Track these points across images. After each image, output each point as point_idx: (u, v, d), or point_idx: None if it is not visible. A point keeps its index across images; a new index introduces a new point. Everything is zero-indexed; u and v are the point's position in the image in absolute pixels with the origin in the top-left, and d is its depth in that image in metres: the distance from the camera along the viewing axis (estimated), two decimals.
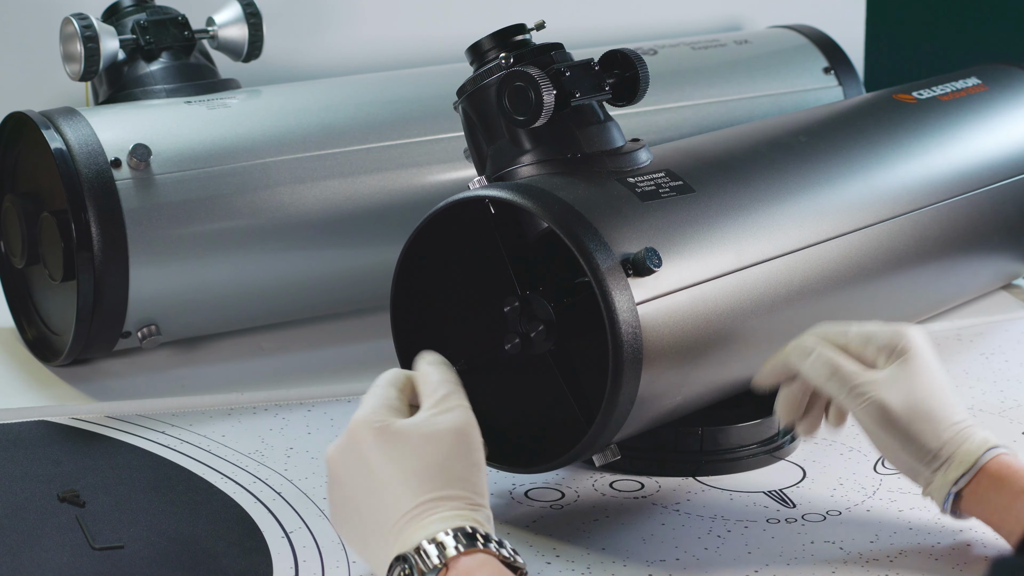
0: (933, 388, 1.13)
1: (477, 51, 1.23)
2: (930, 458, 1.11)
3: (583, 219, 1.13)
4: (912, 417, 1.11)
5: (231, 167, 1.44)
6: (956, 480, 1.10)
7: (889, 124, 1.42)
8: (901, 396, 1.12)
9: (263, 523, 1.19)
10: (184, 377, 1.46)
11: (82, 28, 1.47)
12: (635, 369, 1.12)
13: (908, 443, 1.11)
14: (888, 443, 1.12)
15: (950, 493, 1.11)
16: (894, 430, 1.12)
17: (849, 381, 1.13)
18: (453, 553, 0.99)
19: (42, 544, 1.15)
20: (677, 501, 1.23)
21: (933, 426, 1.11)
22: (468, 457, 1.05)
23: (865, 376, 1.13)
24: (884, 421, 1.12)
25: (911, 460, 1.12)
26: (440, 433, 1.05)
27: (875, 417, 1.12)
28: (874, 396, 1.12)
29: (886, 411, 1.11)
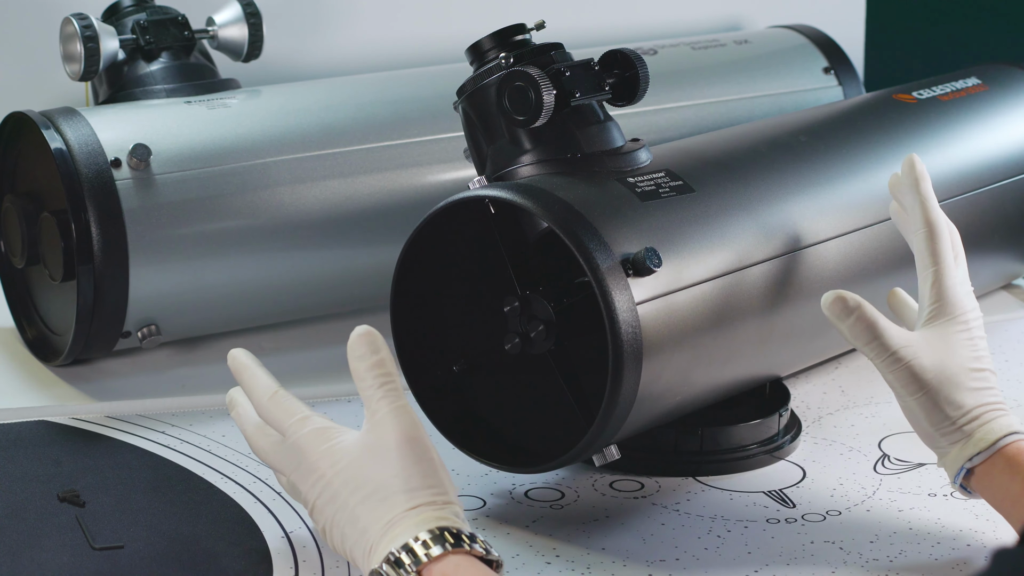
0: (967, 360, 1.12)
1: (477, 51, 1.23)
2: (951, 430, 1.11)
3: (583, 219, 1.13)
4: (940, 386, 1.11)
5: (231, 167, 1.44)
6: (971, 457, 1.10)
7: (889, 124, 1.42)
8: (934, 362, 1.12)
9: (263, 523, 1.19)
10: (184, 377, 1.46)
11: (82, 28, 1.47)
12: (635, 369, 1.12)
13: (931, 411, 1.11)
14: (912, 408, 1.12)
15: (963, 468, 1.11)
16: (921, 396, 1.11)
17: (888, 348, 1.12)
18: (423, 560, 0.99)
19: (42, 544, 1.15)
20: (677, 501, 1.23)
21: (960, 398, 1.11)
22: (421, 460, 1.04)
23: (902, 340, 1.12)
24: (913, 386, 1.11)
25: (931, 428, 1.12)
26: (380, 452, 1.05)
27: (904, 381, 1.12)
28: (908, 362, 1.12)
29: (916, 376, 1.11)
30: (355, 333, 1.08)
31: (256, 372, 1.13)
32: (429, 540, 1.00)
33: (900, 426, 1.35)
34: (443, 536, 1.00)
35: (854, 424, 1.36)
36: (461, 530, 1.02)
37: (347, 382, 1.43)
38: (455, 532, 1.01)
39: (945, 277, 1.17)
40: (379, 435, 1.05)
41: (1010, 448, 1.10)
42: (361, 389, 1.07)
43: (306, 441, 1.07)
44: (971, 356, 1.14)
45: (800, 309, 1.25)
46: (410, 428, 1.05)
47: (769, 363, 1.28)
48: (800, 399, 1.40)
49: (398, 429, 1.05)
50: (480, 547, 1.01)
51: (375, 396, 1.06)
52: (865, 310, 1.13)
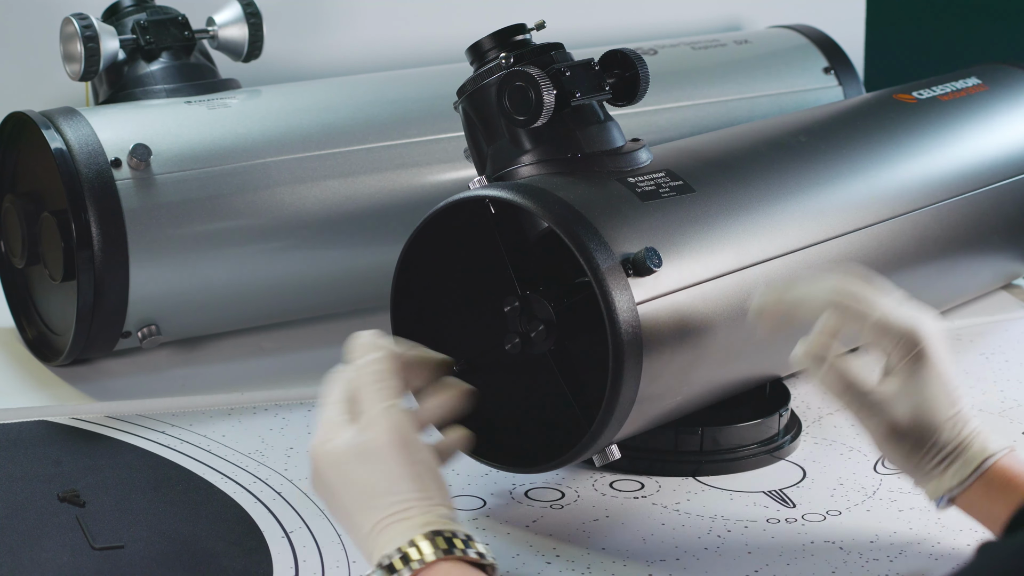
0: (940, 398, 1.11)
1: (477, 51, 1.23)
2: (931, 466, 1.11)
3: (583, 219, 1.13)
4: (918, 432, 1.11)
5: (231, 167, 1.44)
6: (951, 488, 1.10)
7: (889, 124, 1.42)
8: (909, 412, 1.11)
9: (263, 523, 1.19)
10: (184, 377, 1.46)
11: (82, 28, 1.47)
12: (635, 369, 1.12)
13: (912, 454, 1.11)
14: (893, 454, 1.12)
15: (943, 498, 1.10)
16: (900, 444, 1.11)
17: (862, 398, 1.11)
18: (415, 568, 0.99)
19: (42, 544, 1.15)
20: (677, 501, 1.23)
21: (936, 437, 1.11)
22: (410, 461, 1.04)
23: (877, 393, 1.11)
24: (892, 438, 1.11)
25: (912, 468, 1.12)
26: (369, 453, 1.04)
27: (884, 434, 1.11)
28: (884, 414, 1.11)
29: (894, 428, 1.11)
30: (354, 336, 1.09)
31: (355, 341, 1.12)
32: (423, 546, 1.00)
33: None
34: (435, 542, 1.00)
35: (854, 424, 1.36)
36: (455, 533, 1.01)
37: None
38: (448, 536, 1.01)
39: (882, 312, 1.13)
40: (368, 435, 1.04)
41: (987, 474, 1.10)
42: (354, 388, 1.07)
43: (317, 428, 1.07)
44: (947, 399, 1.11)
45: None
46: (395, 429, 1.04)
47: (769, 363, 1.28)
48: (800, 399, 1.40)
49: (383, 430, 1.04)
50: (474, 551, 1.01)
51: (367, 397, 1.06)
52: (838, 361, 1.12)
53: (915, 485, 1.12)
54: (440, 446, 1.11)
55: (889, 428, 1.11)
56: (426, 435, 1.07)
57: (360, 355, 1.08)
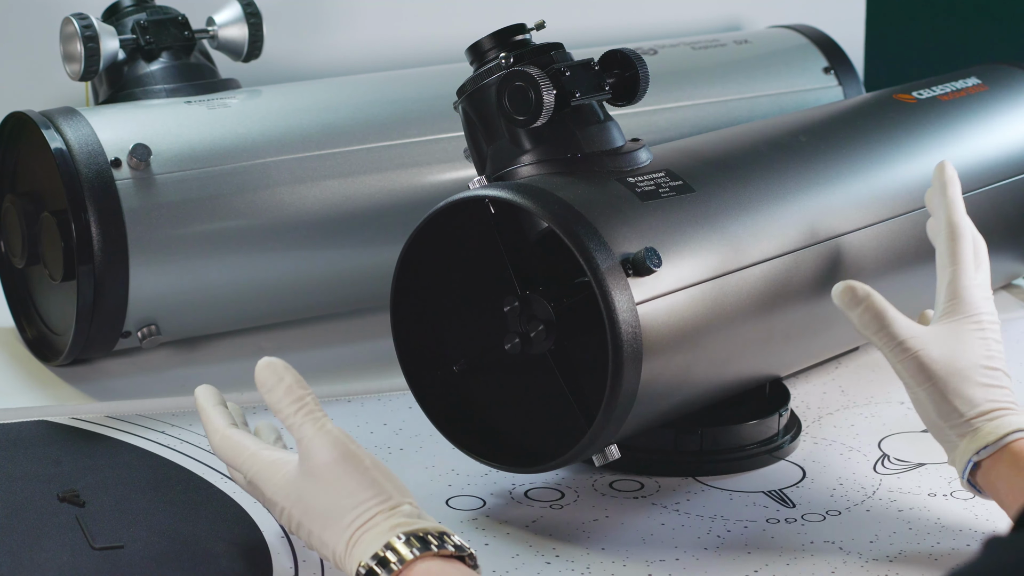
0: (979, 357, 1.13)
1: (477, 51, 1.23)
2: (959, 423, 1.11)
3: (583, 219, 1.13)
4: (949, 378, 1.11)
5: (231, 167, 1.44)
6: (978, 450, 1.10)
7: (889, 124, 1.42)
8: (943, 355, 1.12)
9: (263, 523, 1.19)
10: (184, 377, 1.46)
11: (82, 28, 1.47)
12: (635, 369, 1.12)
13: (941, 403, 1.11)
14: (921, 399, 1.13)
15: (970, 461, 1.11)
16: (929, 387, 1.12)
17: (895, 337, 1.13)
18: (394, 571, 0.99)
19: (42, 544, 1.15)
20: (677, 501, 1.23)
21: (969, 392, 1.11)
22: (361, 470, 1.04)
23: (912, 330, 1.13)
24: (921, 376, 1.12)
25: (940, 420, 1.12)
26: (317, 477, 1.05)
27: (913, 371, 1.12)
28: (916, 352, 1.12)
29: (924, 367, 1.11)
30: (257, 368, 1.09)
31: (209, 413, 1.13)
32: (399, 547, 1.00)
33: (900, 426, 1.35)
34: (410, 542, 1.00)
35: (854, 424, 1.36)
36: (427, 531, 1.01)
37: (347, 382, 1.44)
38: (421, 535, 1.01)
39: (962, 277, 1.18)
40: (310, 461, 1.05)
41: (1017, 444, 1.10)
42: (281, 419, 1.08)
43: (259, 478, 1.08)
44: (983, 354, 1.14)
45: (800, 309, 1.25)
46: (336, 445, 1.05)
47: (769, 363, 1.28)
48: (800, 399, 1.40)
49: (324, 450, 1.05)
50: (450, 545, 1.01)
51: (296, 423, 1.07)
52: (874, 300, 1.14)
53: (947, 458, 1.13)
54: None
55: (919, 368, 1.11)
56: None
57: (269, 385, 1.08)
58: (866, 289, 1.14)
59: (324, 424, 1.06)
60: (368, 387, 1.43)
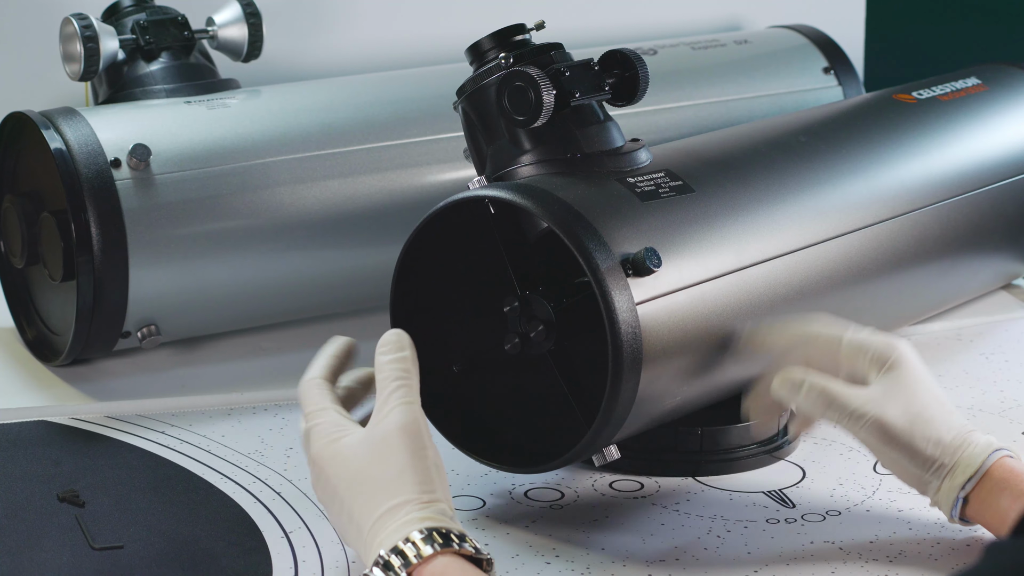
0: (929, 397, 1.13)
1: (477, 51, 1.23)
2: (936, 466, 1.11)
3: (583, 219, 1.13)
4: (914, 428, 1.11)
5: (231, 167, 1.44)
6: (963, 485, 1.10)
7: (889, 124, 1.42)
8: (900, 409, 1.12)
9: (263, 523, 1.19)
10: (184, 377, 1.46)
11: (82, 28, 1.47)
12: (635, 369, 1.12)
13: (913, 454, 1.11)
14: (894, 457, 1.12)
15: (958, 499, 1.10)
16: (898, 444, 1.11)
17: (847, 407, 1.12)
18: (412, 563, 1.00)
19: (42, 544, 1.15)
20: (677, 501, 1.23)
21: (935, 433, 1.11)
22: (420, 455, 1.05)
23: (861, 397, 1.13)
24: (887, 437, 1.11)
25: (917, 471, 1.12)
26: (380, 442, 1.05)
27: (878, 435, 1.12)
28: (873, 415, 1.12)
29: (887, 427, 1.11)
30: (386, 334, 1.11)
31: (319, 358, 1.14)
32: (419, 541, 1.00)
33: None
34: (432, 536, 1.00)
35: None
36: (451, 530, 1.02)
37: None
38: (444, 532, 1.01)
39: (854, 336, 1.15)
40: (380, 428, 1.06)
41: (995, 468, 1.10)
42: (378, 381, 1.08)
43: (313, 433, 1.08)
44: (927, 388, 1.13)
45: (800, 309, 1.25)
46: (411, 423, 1.06)
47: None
48: None
49: (398, 423, 1.05)
50: (469, 546, 1.01)
51: (389, 389, 1.07)
52: (815, 379, 1.14)
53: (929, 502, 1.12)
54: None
55: (883, 429, 1.11)
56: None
57: (388, 351, 1.10)
58: (801, 371, 1.14)
59: (413, 404, 1.07)
60: None
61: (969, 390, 1.42)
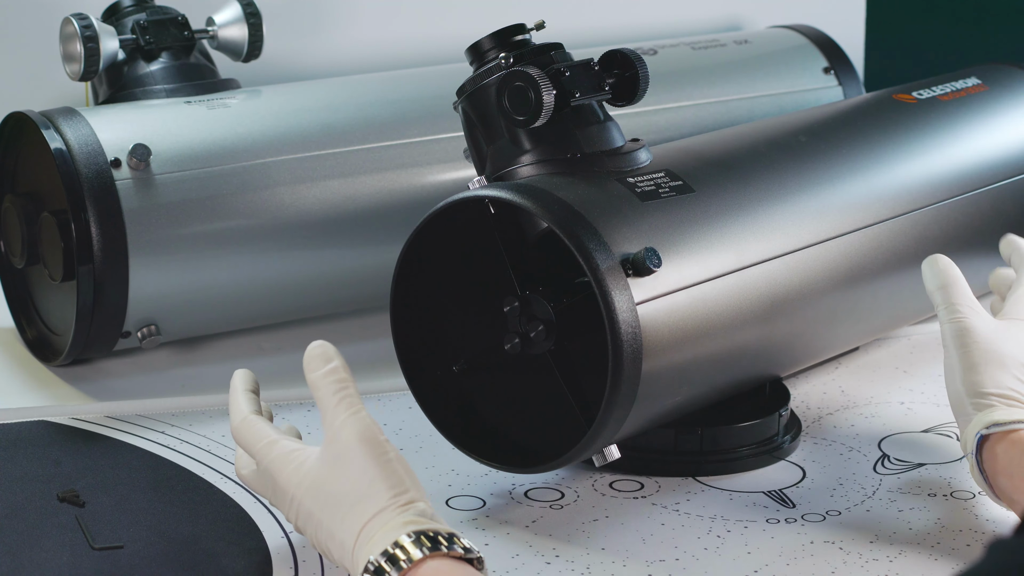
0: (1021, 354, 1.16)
1: (477, 51, 1.23)
2: (979, 396, 1.14)
3: (583, 219, 1.13)
4: (985, 355, 1.15)
5: (231, 167, 1.44)
6: (989, 425, 1.12)
7: (889, 124, 1.42)
8: (989, 336, 1.16)
9: (263, 523, 1.19)
10: (184, 377, 1.46)
11: (82, 28, 1.47)
12: (635, 369, 1.12)
13: (969, 372, 1.15)
14: (953, 364, 1.16)
15: (979, 434, 1.12)
16: (963, 355, 1.15)
17: (950, 298, 1.18)
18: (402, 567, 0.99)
19: (42, 544, 1.15)
20: (677, 501, 1.23)
21: (998, 376, 1.15)
22: (384, 460, 1.04)
23: (971, 303, 1.18)
24: (960, 342, 1.16)
25: (962, 389, 1.15)
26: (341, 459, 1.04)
27: (955, 333, 1.16)
28: (966, 319, 1.17)
29: (968, 335, 1.16)
30: (310, 346, 1.09)
31: (238, 396, 1.13)
32: (408, 545, 1.00)
33: (900, 426, 1.35)
34: (420, 540, 1.00)
35: (854, 424, 1.36)
36: (438, 531, 1.01)
37: None
38: (431, 535, 1.01)
39: None
40: (337, 445, 1.05)
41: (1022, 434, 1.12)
42: (318, 400, 1.07)
43: (274, 465, 1.08)
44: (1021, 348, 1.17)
45: (800, 309, 1.25)
46: (366, 432, 1.05)
47: (769, 363, 1.28)
48: (800, 399, 1.40)
49: (354, 435, 1.05)
50: (459, 547, 1.01)
51: (331, 404, 1.06)
52: (952, 266, 1.21)
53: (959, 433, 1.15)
54: None
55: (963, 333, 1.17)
56: None
57: (317, 367, 1.08)
58: (948, 260, 1.21)
59: (359, 411, 1.06)
60: (368, 387, 1.43)
61: None
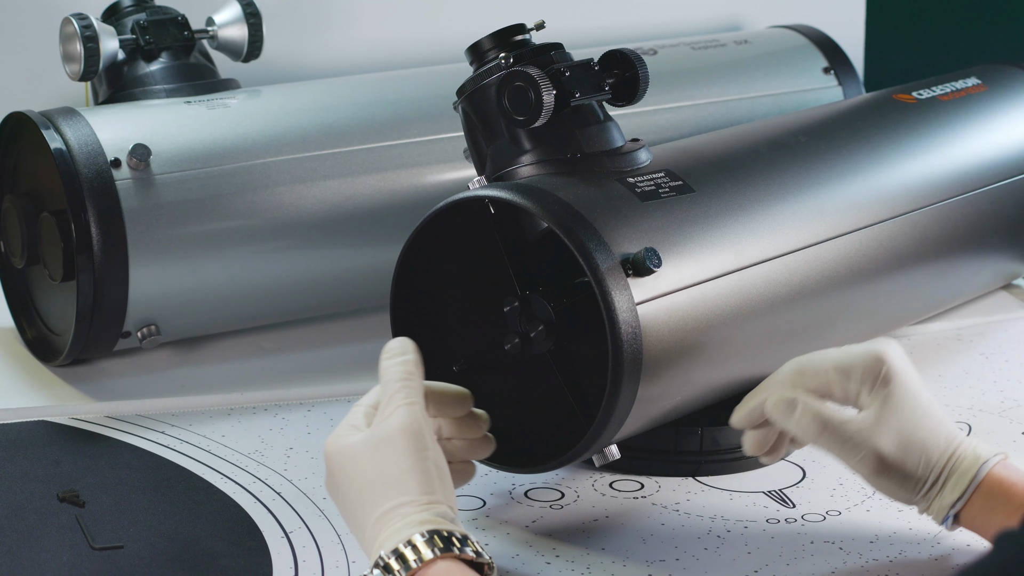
0: (920, 413, 1.10)
1: (477, 51, 1.23)
2: (926, 489, 1.10)
3: (583, 219, 1.13)
4: (906, 455, 1.09)
5: (231, 167, 1.44)
6: (952, 504, 1.09)
7: (889, 124, 1.42)
8: (893, 438, 1.09)
9: (263, 523, 1.19)
10: (184, 377, 1.46)
11: (82, 28, 1.47)
12: (635, 369, 1.12)
13: (904, 480, 1.10)
14: (886, 486, 1.11)
15: (948, 516, 1.10)
16: (891, 474, 1.10)
17: (841, 434, 1.10)
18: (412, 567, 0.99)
19: (42, 544, 1.15)
20: (677, 501, 1.23)
21: (926, 458, 1.10)
22: (421, 456, 1.04)
23: (854, 425, 1.10)
24: (881, 468, 1.10)
25: (908, 495, 1.11)
26: (381, 443, 1.05)
27: (872, 467, 1.10)
28: (869, 446, 1.09)
29: (882, 459, 1.09)
30: (391, 341, 1.11)
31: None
32: (420, 544, 1.00)
33: None
34: (433, 540, 1.00)
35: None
36: (452, 532, 1.01)
37: (348, 382, 1.44)
38: (445, 535, 1.01)
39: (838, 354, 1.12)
40: (382, 429, 1.05)
41: (986, 483, 1.09)
42: (382, 384, 1.08)
43: (335, 430, 1.08)
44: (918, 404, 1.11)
45: (801, 308, 1.25)
46: (413, 424, 1.05)
47: (769, 363, 1.28)
48: None
49: (400, 423, 1.05)
50: (471, 550, 1.01)
51: (393, 391, 1.07)
52: (809, 404, 1.10)
53: (919, 512, 1.12)
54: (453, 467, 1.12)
55: (877, 460, 1.09)
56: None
57: (391, 356, 1.09)
58: (795, 393, 1.11)
59: (416, 405, 1.06)
60: (368, 387, 1.43)
61: (969, 390, 1.42)
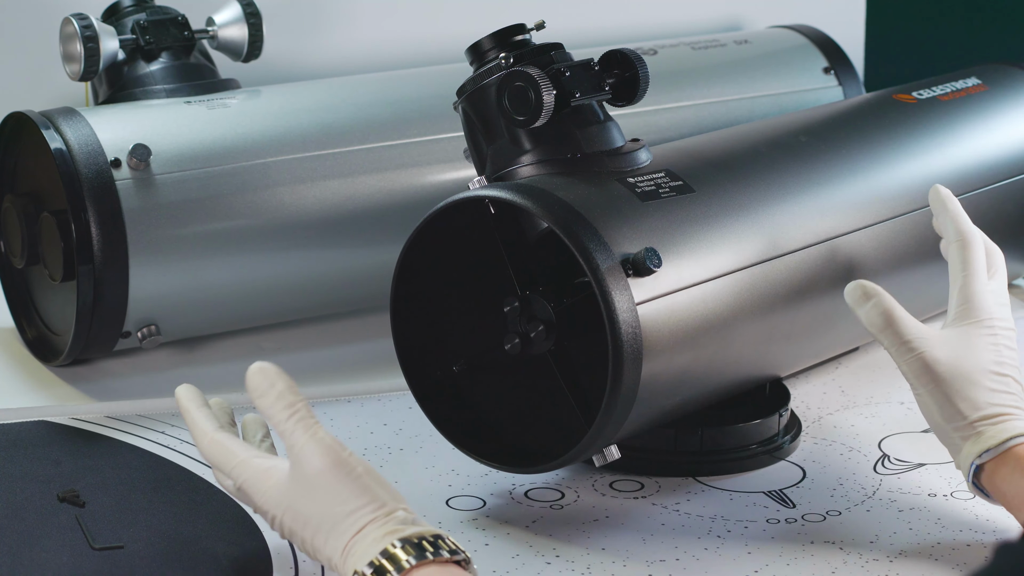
0: (987, 363, 1.13)
1: (477, 51, 1.23)
2: (963, 426, 1.11)
3: (583, 219, 1.13)
4: (954, 380, 1.11)
5: (231, 167, 1.44)
6: (980, 453, 1.10)
7: (889, 124, 1.42)
8: (949, 357, 1.12)
9: (263, 523, 1.19)
10: (184, 377, 1.45)
11: (82, 28, 1.47)
12: (635, 369, 1.12)
13: (945, 405, 1.11)
14: (925, 400, 1.13)
15: (973, 464, 1.11)
16: (933, 389, 1.12)
17: (901, 335, 1.14)
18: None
19: (42, 544, 1.15)
20: (677, 501, 1.23)
21: (974, 397, 1.11)
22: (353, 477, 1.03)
23: (918, 332, 1.14)
24: (926, 377, 1.12)
25: (943, 423, 1.12)
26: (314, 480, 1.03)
27: (917, 371, 1.12)
28: (921, 352, 1.13)
29: (929, 368, 1.12)
30: (249, 373, 1.07)
31: (194, 416, 1.11)
32: (396, 555, 0.99)
33: (900, 426, 1.35)
34: (405, 550, 0.99)
35: (854, 424, 1.36)
36: (422, 536, 1.01)
37: (348, 382, 1.44)
38: (416, 541, 1.00)
39: (973, 283, 1.18)
40: (302, 469, 1.04)
41: (1020, 448, 1.10)
42: (272, 425, 1.06)
43: (248, 486, 1.07)
44: (992, 359, 1.14)
45: (800, 309, 1.25)
46: (327, 453, 1.04)
47: (769, 363, 1.28)
48: (800, 399, 1.40)
49: (315, 458, 1.04)
50: (445, 551, 1.00)
51: (287, 430, 1.05)
52: (883, 298, 1.15)
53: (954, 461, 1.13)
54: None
55: (923, 368, 1.11)
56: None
57: (260, 393, 1.07)
58: (876, 288, 1.15)
59: (316, 431, 1.05)
60: (368, 387, 1.43)
61: None
